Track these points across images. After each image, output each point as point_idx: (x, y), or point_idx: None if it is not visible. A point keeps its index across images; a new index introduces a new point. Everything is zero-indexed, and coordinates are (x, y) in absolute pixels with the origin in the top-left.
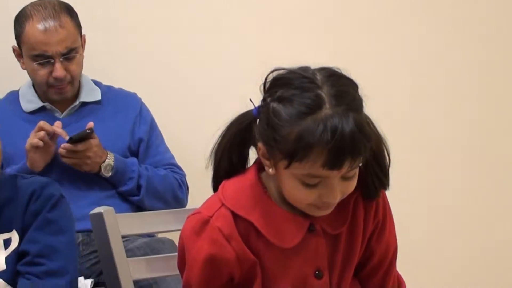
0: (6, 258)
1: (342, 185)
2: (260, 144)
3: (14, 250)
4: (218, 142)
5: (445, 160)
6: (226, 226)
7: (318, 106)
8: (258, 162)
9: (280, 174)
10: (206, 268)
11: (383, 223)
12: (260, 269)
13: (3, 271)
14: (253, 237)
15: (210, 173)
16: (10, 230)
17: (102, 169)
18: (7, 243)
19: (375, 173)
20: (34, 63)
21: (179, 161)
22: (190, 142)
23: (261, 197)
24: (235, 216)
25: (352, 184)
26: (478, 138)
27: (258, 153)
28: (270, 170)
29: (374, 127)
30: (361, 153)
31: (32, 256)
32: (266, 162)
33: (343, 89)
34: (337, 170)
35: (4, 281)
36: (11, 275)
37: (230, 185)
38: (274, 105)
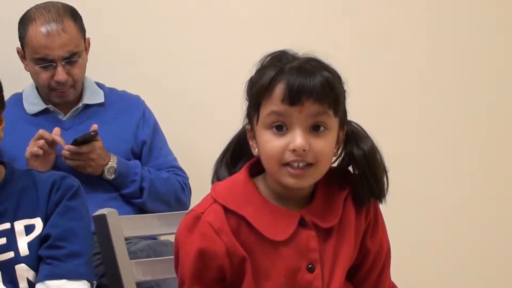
0: (29, 244)
1: (311, 139)
2: (246, 127)
3: (37, 236)
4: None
5: (445, 162)
6: (217, 220)
7: (286, 62)
8: (248, 166)
9: (258, 137)
10: (197, 262)
11: (375, 222)
12: (250, 265)
13: (26, 257)
14: (245, 231)
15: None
16: (31, 217)
17: (105, 172)
18: (28, 229)
19: (365, 177)
20: (36, 66)
21: (182, 163)
22: (193, 144)
23: (253, 193)
24: (226, 211)
25: (323, 144)
26: (479, 141)
27: (248, 140)
28: (256, 150)
29: (368, 135)
30: (320, 92)
31: (53, 239)
32: (253, 145)
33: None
34: (297, 107)
35: (27, 266)
36: (34, 261)
37: (221, 183)
38: (250, 78)
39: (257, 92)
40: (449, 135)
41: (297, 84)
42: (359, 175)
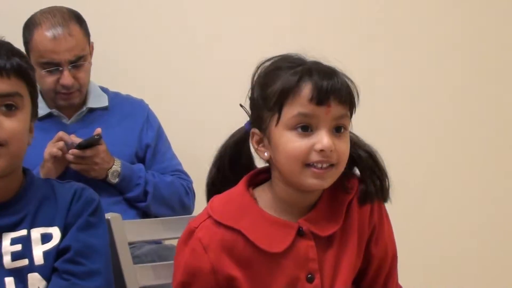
0: (45, 253)
1: (335, 140)
2: (252, 131)
3: (55, 247)
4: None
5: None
6: (206, 237)
7: (301, 64)
8: (246, 178)
9: (275, 138)
10: (184, 276)
11: (380, 227)
12: (247, 279)
13: (40, 266)
14: (241, 245)
15: None
16: (48, 226)
17: (109, 176)
18: (45, 238)
19: (375, 175)
20: (42, 71)
21: (186, 167)
22: (197, 148)
23: (249, 205)
24: (220, 227)
25: (345, 145)
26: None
27: (254, 147)
28: (266, 153)
29: (365, 142)
30: (345, 92)
31: (73, 253)
32: (261, 149)
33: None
34: (324, 107)
35: (41, 276)
36: (48, 271)
37: (218, 198)
38: (260, 80)
39: (280, 94)
40: (450, 136)
41: (325, 84)
42: (368, 173)
